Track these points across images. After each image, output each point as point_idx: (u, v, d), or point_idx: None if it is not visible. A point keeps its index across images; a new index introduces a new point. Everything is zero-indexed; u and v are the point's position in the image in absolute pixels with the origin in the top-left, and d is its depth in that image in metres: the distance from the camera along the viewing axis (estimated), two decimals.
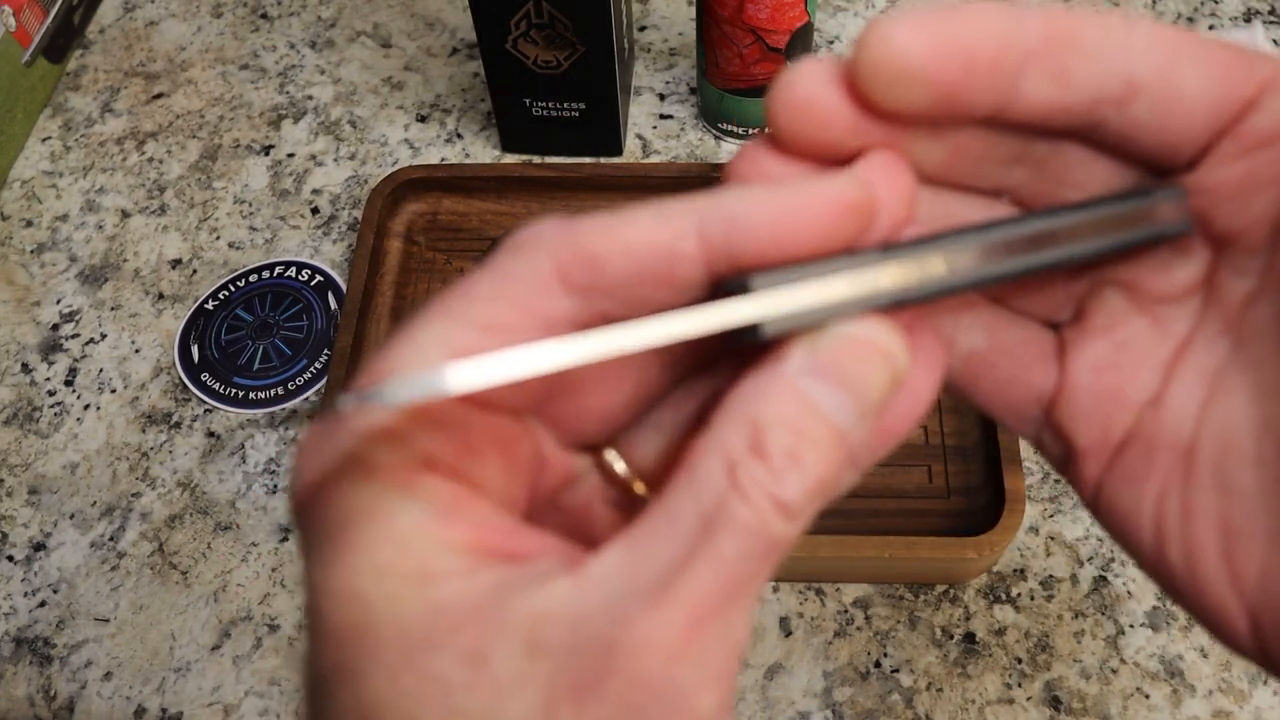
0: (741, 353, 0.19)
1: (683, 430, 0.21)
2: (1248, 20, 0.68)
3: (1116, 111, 0.19)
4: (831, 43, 0.68)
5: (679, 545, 0.16)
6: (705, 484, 0.17)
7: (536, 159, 0.63)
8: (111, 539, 0.51)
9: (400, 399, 0.16)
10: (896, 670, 0.46)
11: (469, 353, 0.17)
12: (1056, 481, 0.51)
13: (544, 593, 0.17)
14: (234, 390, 0.55)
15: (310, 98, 0.68)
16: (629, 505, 0.21)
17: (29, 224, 0.63)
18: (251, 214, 0.62)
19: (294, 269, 0.59)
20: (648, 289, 0.18)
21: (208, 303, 0.58)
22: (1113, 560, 0.48)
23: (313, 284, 0.59)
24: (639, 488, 0.21)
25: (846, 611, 0.48)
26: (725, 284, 0.18)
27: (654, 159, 0.63)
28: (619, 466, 0.21)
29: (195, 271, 0.60)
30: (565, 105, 0.60)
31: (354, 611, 0.17)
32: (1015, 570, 0.48)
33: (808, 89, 0.18)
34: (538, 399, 0.20)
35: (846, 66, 0.18)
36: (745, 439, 0.17)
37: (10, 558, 0.51)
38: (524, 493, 0.20)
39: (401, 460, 0.17)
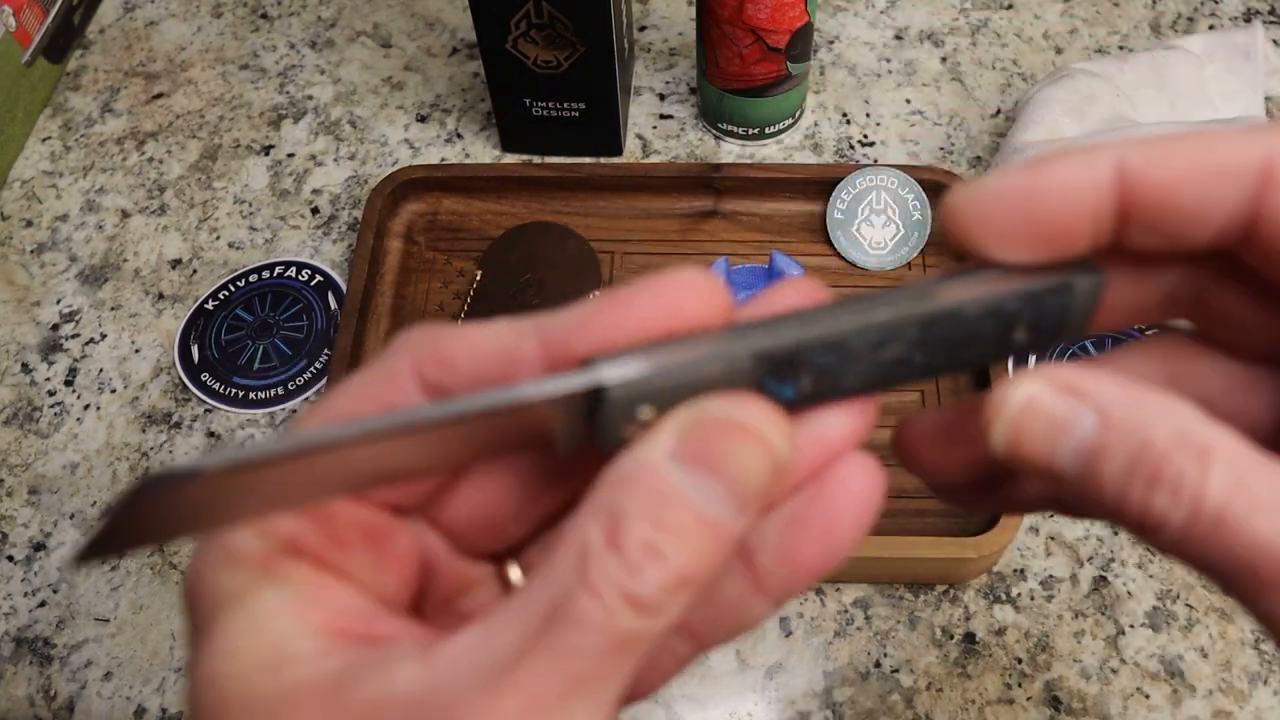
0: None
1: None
2: (1248, 20, 0.68)
3: (1238, 244, 0.18)
4: (831, 43, 0.68)
5: (524, 633, 0.16)
6: (558, 573, 0.16)
7: (536, 159, 0.63)
8: None
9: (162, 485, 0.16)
10: (896, 670, 0.46)
11: None
12: None
13: (389, 675, 0.17)
14: (234, 390, 0.55)
15: (310, 98, 0.68)
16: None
17: (29, 224, 0.63)
18: (251, 214, 0.62)
19: (294, 269, 0.59)
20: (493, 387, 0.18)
21: (208, 303, 0.58)
22: (1113, 560, 0.48)
23: (313, 284, 0.59)
24: None
25: (846, 611, 0.48)
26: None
27: (654, 159, 0.63)
28: (514, 575, 0.21)
29: (195, 271, 0.60)
30: (565, 105, 0.60)
31: (211, 694, 0.17)
32: (1015, 570, 0.48)
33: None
34: (416, 500, 0.20)
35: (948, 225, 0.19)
36: (602, 530, 0.16)
37: (10, 558, 0.51)
38: (400, 587, 0.20)
39: (266, 546, 0.18)
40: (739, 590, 0.19)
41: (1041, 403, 0.17)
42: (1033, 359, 0.39)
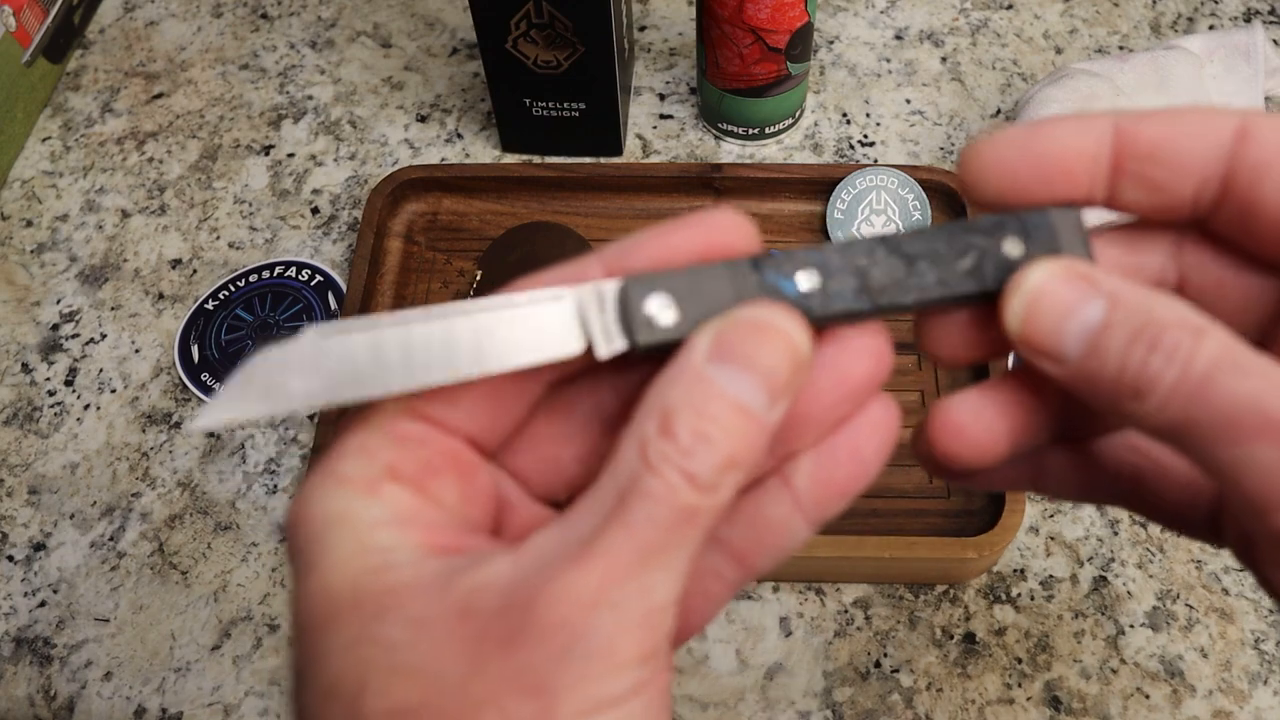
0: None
1: None
2: (1248, 20, 0.68)
3: (1210, 220, 0.21)
4: (831, 43, 0.68)
5: (598, 516, 0.19)
6: (623, 465, 0.19)
7: (536, 159, 0.63)
8: (111, 539, 0.51)
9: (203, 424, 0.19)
10: (896, 670, 0.46)
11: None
12: None
13: (483, 569, 0.19)
14: None
15: (310, 98, 0.68)
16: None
17: (29, 224, 0.63)
18: (251, 214, 0.62)
19: (294, 269, 0.59)
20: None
21: (208, 303, 0.58)
22: (1113, 560, 0.48)
23: (313, 284, 0.59)
24: None
25: (846, 611, 0.48)
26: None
27: (654, 159, 0.63)
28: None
29: (195, 271, 0.60)
30: (565, 105, 0.60)
31: (323, 604, 0.19)
32: (1015, 570, 0.48)
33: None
34: (493, 441, 0.22)
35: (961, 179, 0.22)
36: (656, 424, 0.19)
37: (10, 558, 0.51)
38: (482, 518, 0.22)
39: (368, 470, 0.20)
40: (782, 511, 0.22)
41: (1056, 283, 0.20)
42: None
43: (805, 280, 0.21)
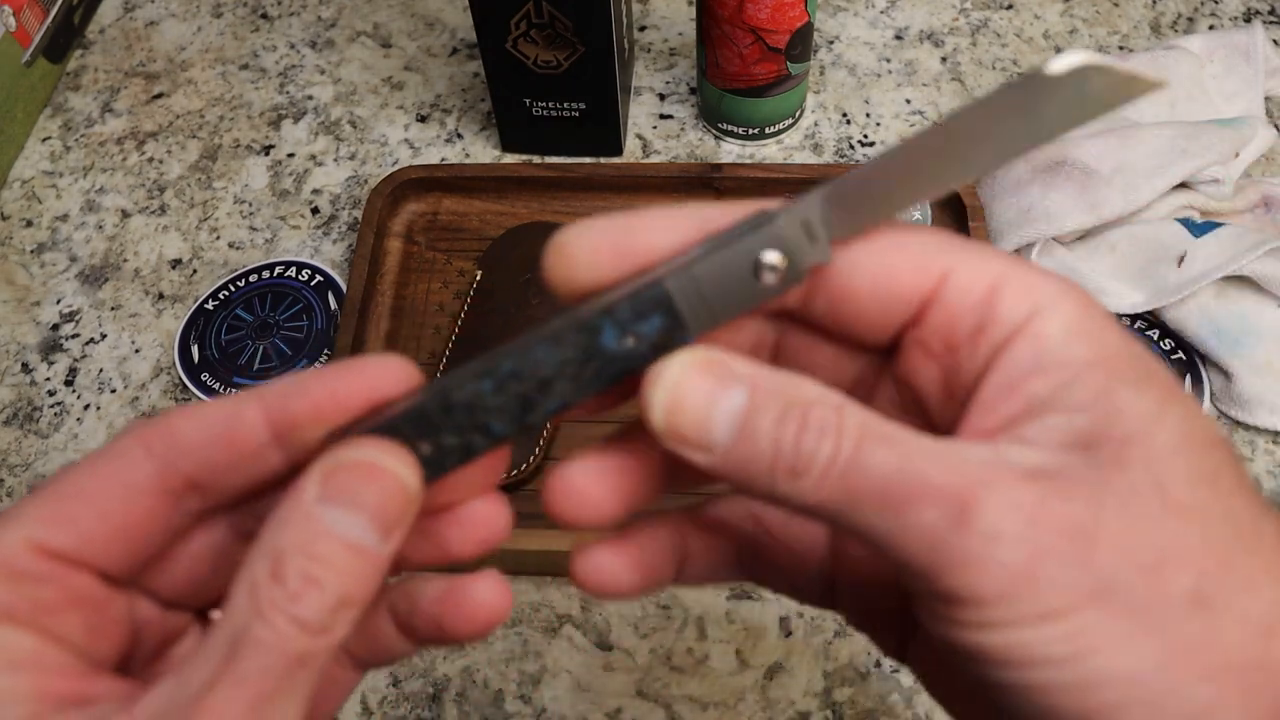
0: None
1: None
2: (1248, 20, 0.68)
3: (803, 305, 0.21)
4: (831, 43, 0.68)
5: (209, 669, 0.18)
6: (235, 611, 0.19)
7: (536, 159, 0.63)
8: None
9: None
10: (896, 670, 0.46)
11: (60, 519, 0.20)
12: None
13: None
14: (234, 390, 0.55)
15: (310, 98, 0.68)
16: None
17: (29, 224, 0.63)
18: (251, 214, 0.62)
19: (294, 269, 0.59)
20: (218, 450, 0.21)
21: (208, 303, 0.58)
22: None
23: (313, 284, 0.59)
24: None
25: None
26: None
27: (654, 159, 0.63)
28: (216, 616, 0.22)
29: (195, 271, 0.60)
30: (565, 105, 0.60)
31: None
32: None
33: None
34: (130, 569, 0.21)
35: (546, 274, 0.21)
36: (267, 568, 0.19)
37: None
38: (112, 648, 0.21)
39: None
40: (392, 632, 0.23)
41: (692, 374, 0.20)
42: None
43: (438, 440, 0.21)
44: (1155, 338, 0.53)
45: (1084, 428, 0.18)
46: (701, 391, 0.19)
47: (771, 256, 0.20)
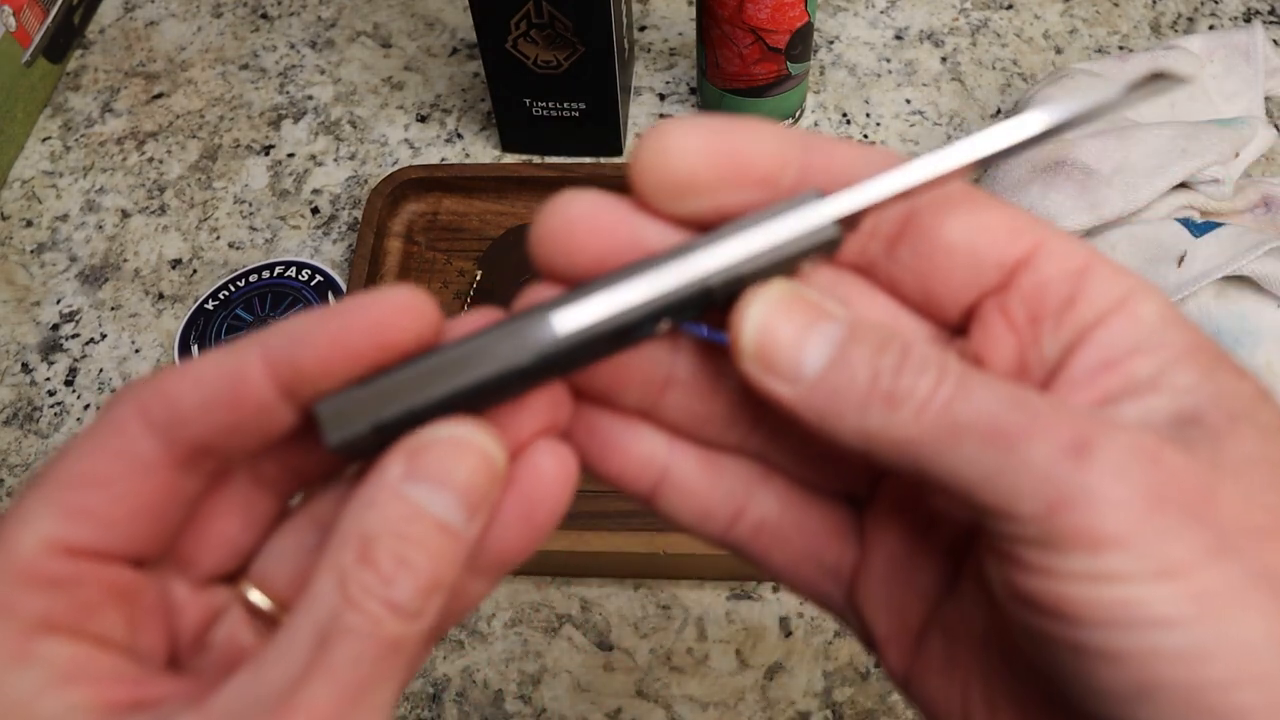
0: (351, 464, 0.21)
1: (311, 551, 0.21)
2: (1248, 20, 0.68)
3: (884, 249, 0.20)
4: (831, 43, 0.68)
5: (296, 662, 0.17)
6: (319, 600, 0.18)
7: (536, 159, 0.63)
8: None
9: None
10: None
11: (75, 511, 0.18)
12: None
13: None
14: None
15: (310, 98, 0.68)
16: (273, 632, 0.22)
17: (29, 224, 0.63)
18: (251, 214, 0.62)
19: (294, 269, 0.59)
20: (222, 413, 0.19)
21: (208, 303, 0.58)
22: None
23: (313, 284, 0.59)
24: (279, 613, 0.21)
25: None
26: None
27: None
28: (254, 597, 0.21)
29: (195, 271, 0.60)
30: (565, 105, 0.60)
31: None
32: None
33: (574, 218, 0.19)
34: (158, 545, 0.20)
35: (630, 174, 0.19)
36: (354, 551, 0.18)
37: None
38: (157, 640, 0.20)
39: (12, 629, 0.18)
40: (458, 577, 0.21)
41: (791, 305, 0.19)
42: None
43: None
44: None
45: (1189, 407, 0.18)
46: (799, 318, 0.19)
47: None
